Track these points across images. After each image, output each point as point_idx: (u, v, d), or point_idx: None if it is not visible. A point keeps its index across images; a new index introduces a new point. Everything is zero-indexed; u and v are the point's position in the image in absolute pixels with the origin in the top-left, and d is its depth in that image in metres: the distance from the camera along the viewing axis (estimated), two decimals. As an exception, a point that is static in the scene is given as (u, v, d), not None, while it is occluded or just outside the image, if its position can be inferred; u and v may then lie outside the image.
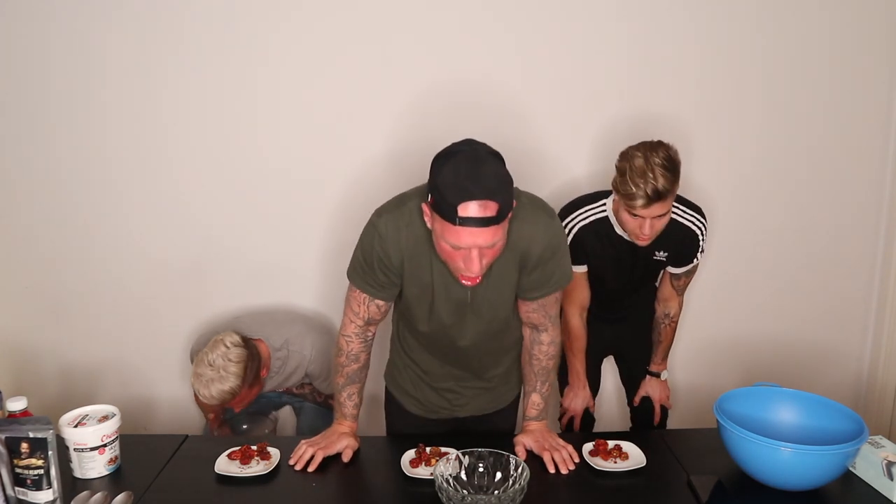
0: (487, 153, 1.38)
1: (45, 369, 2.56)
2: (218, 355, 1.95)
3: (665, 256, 2.01)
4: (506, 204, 1.34)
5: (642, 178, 1.73)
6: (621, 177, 1.78)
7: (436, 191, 1.34)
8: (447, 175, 1.33)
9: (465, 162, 1.33)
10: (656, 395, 2.25)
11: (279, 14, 2.28)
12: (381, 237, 1.51)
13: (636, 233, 1.85)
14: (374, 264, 1.54)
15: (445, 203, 1.32)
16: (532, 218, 1.51)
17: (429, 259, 1.52)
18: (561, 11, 2.30)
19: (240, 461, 1.60)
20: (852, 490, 1.51)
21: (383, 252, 1.52)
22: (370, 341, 1.69)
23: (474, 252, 1.37)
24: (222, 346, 1.97)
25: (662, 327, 2.19)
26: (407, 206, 1.51)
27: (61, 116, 2.35)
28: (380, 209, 1.56)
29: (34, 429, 1.38)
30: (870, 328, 2.66)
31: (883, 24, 2.39)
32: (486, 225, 1.32)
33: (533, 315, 1.66)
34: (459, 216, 1.31)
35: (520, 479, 1.41)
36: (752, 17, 2.34)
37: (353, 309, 1.63)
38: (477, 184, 1.30)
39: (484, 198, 1.30)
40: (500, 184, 1.34)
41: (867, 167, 2.51)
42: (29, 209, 2.43)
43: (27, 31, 2.28)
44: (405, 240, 1.51)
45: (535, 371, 1.73)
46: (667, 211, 1.81)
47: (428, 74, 2.33)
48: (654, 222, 1.81)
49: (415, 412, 1.82)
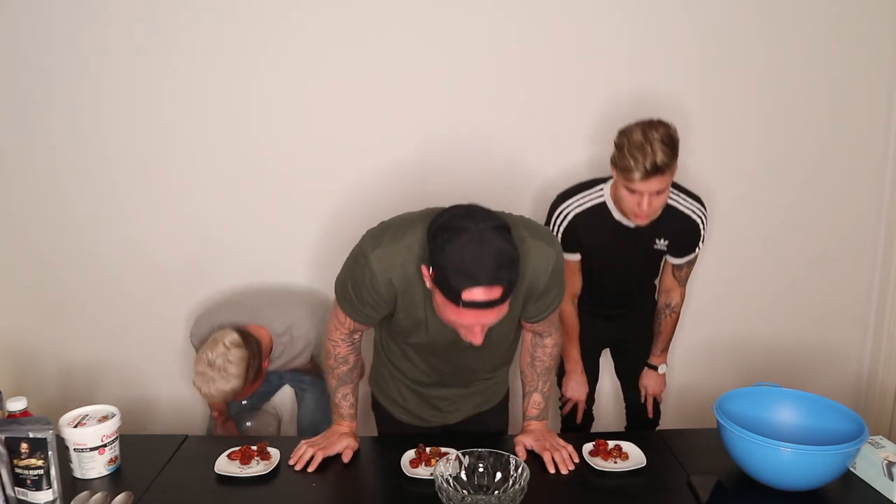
0: (492, 230, 1.28)
1: (45, 369, 2.56)
2: (217, 355, 1.92)
3: (666, 245, 1.99)
4: (511, 283, 1.29)
5: (640, 152, 1.71)
6: (619, 151, 1.77)
7: (438, 268, 1.28)
8: (451, 257, 1.26)
9: (470, 244, 1.25)
10: (650, 388, 2.25)
11: (279, 14, 2.28)
12: (373, 273, 1.43)
13: (634, 210, 1.82)
14: (364, 297, 1.48)
15: (448, 286, 1.27)
16: (535, 252, 1.46)
17: (422, 298, 1.46)
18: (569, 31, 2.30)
19: (240, 461, 1.60)
20: (852, 490, 1.51)
21: (374, 289, 1.46)
22: (357, 344, 1.68)
23: (477, 328, 1.34)
24: (221, 345, 1.94)
25: (663, 317, 2.17)
26: (404, 241, 1.42)
27: (61, 117, 2.35)
28: (374, 238, 1.46)
29: (34, 429, 1.38)
30: (870, 328, 2.66)
31: (884, 24, 2.39)
32: (491, 307, 1.28)
33: (537, 327, 1.65)
34: (464, 300, 1.26)
35: (520, 479, 1.41)
36: (754, 15, 2.34)
37: (338, 318, 1.60)
38: (482, 269, 1.24)
39: (489, 284, 1.25)
40: (507, 265, 1.27)
41: (868, 168, 2.51)
42: (29, 209, 2.43)
43: (27, 30, 2.28)
44: (399, 280, 1.44)
45: (538, 372, 1.73)
46: (665, 187, 1.78)
47: (427, 69, 2.33)
48: (652, 199, 1.78)
49: (403, 420, 1.81)
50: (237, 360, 1.93)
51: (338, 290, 1.57)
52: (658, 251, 2.01)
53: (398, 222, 1.48)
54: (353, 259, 1.50)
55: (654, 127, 1.76)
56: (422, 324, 1.52)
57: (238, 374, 1.93)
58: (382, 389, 1.83)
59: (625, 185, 1.79)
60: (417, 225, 1.43)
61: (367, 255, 1.44)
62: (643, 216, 1.83)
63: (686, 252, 2.03)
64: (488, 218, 1.30)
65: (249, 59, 2.31)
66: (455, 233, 1.27)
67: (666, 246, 2.00)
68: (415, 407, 1.78)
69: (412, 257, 1.42)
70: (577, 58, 2.34)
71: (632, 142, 1.74)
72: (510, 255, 1.28)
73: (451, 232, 1.27)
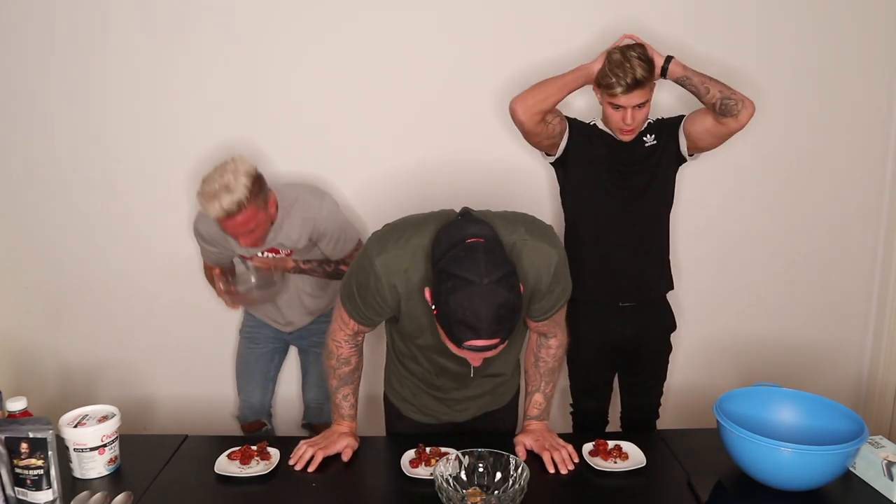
0: (497, 283, 1.26)
1: (45, 369, 2.56)
2: (226, 171, 1.93)
3: (654, 139, 2.05)
4: (511, 329, 1.31)
5: (620, 69, 1.89)
6: (602, 75, 1.94)
7: (440, 312, 1.29)
8: (454, 309, 1.26)
9: (474, 299, 1.25)
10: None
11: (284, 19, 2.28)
12: (378, 277, 1.44)
13: (620, 126, 1.97)
14: (368, 300, 1.49)
15: (450, 333, 1.29)
16: (536, 254, 1.46)
17: (426, 306, 1.45)
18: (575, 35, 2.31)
19: (240, 461, 1.60)
20: (852, 490, 1.51)
21: (378, 293, 1.46)
22: (360, 345, 1.68)
23: (475, 360, 1.38)
24: (230, 163, 1.95)
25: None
26: (409, 247, 1.43)
27: (63, 117, 2.35)
28: (379, 241, 1.46)
29: (34, 429, 1.38)
30: (870, 328, 2.66)
31: (883, 24, 2.39)
32: (490, 350, 1.32)
33: (542, 327, 1.65)
34: (464, 345, 1.30)
35: (520, 479, 1.41)
36: (751, 14, 2.34)
37: (342, 318, 1.60)
38: (483, 325, 1.25)
39: (489, 337, 1.28)
40: (508, 317, 1.28)
41: (867, 167, 2.52)
42: (29, 209, 2.43)
43: (29, 30, 2.28)
44: (403, 286, 1.45)
45: (541, 372, 1.72)
46: (646, 101, 1.95)
47: (429, 69, 2.33)
48: (634, 112, 1.94)
49: (414, 418, 1.81)
50: (246, 172, 1.93)
51: (342, 293, 1.57)
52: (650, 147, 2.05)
53: (403, 226, 1.48)
54: (358, 262, 1.50)
55: (632, 48, 1.94)
56: (426, 329, 1.53)
57: (246, 184, 1.91)
58: (394, 388, 1.83)
59: (609, 102, 1.95)
60: (422, 230, 1.43)
61: (372, 260, 1.44)
62: (628, 130, 1.98)
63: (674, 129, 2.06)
64: (492, 268, 1.28)
65: (254, 62, 2.32)
66: (459, 283, 1.26)
67: (654, 140, 2.05)
68: (424, 404, 1.78)
69: (416, 264, 1.42)
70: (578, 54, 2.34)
71: (612, 61, 1.92)
72: (512, 306, 1.29)
73: (454, 281, 1.27)
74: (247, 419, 2.41)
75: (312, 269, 2.22)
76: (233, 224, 1.95)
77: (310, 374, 2.44)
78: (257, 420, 2.41)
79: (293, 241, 2.13)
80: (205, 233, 2.16)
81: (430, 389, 1.75)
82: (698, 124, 2.03)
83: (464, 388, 1.73)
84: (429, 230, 1.42)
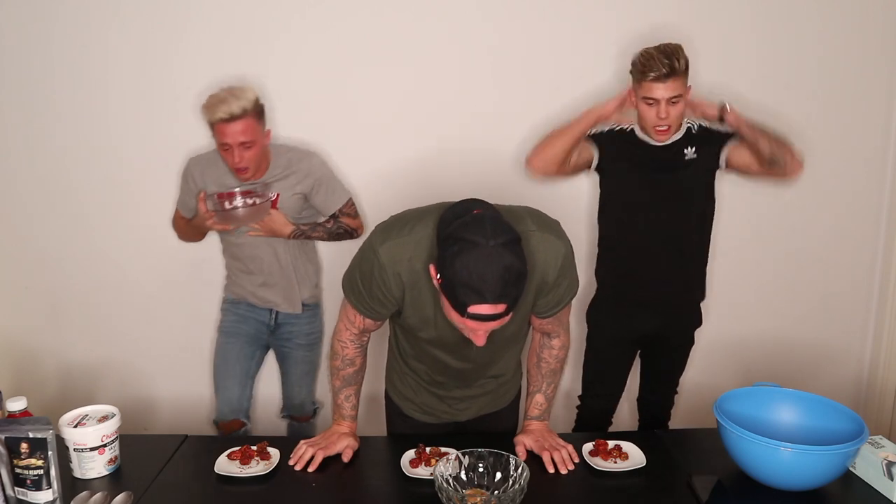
0: (502, 246, 1.26)
1: (45, 369, 2.56)
2: (233, 88, 2.04)
3: (695, 152, 2.03)
4: (517, 298, 1.29)
5: (655, 60, 1.92)
6: (635, 66, 1.97)
7: (445, 278, 1.28)
8: (459, 271, 1.25)
9: (479, 261, 1.24)
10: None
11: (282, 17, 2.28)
12: (382, 266, 1.43)
13: (655, 122, 1.96)
14: (372, 291, 1.48)
15: (455, 299, 1.27)
16: (543, 246, 1.46)
17: (430, 295, 1.46)
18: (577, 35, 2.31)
19: (240, 461, 1.60)
20: (852, 490, 1.51)
21: (383, 282, 1.46)
22: (365, 345, 1.68)
23: (480, 332, 1.35)
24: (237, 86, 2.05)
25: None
26: (413, 235, 1.42)
27: (63, 116, 2.35)
28: (383, 232, 1.47)
29: (34, 429, 1.38)
30: (870, 328, 2.66)
31: (883, 25, 2.39)
32: (495, 319, 1.30)
33: (546, 325, 1.65)
34: (469, 313, 1.27)
35: (520, 479, 1.41)
36: (753, 18, 2.34)
37: (348, 317, 1.60)
38: (489, 287, 1.24)
39: (495, 302, 1.26)
40: (514, 282, 1.26)
41: (867, 167, 2.52)
42: (30, 210, 2.43)
43: (30, 30, 2.28)
44: (407, 274, 1.44)
45: (543, 373, 1.72)
46: (680, 95, 1.94)
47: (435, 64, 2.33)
48: (668, 107, 1.93)
49: (416, 417, 1.81)
50: (250, 89, 2.05)
51: (346, 285, 1.57)
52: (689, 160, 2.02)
53: (407, 216, 1.48)
54: (361, 253, 1.50)
55: (666, 44, 1.96)
56: (430, 321, 1.52)
57: (251, 97, 2.02)
58: (395, 386, 1.83)
59: (643, 98, 1.95)
60: (427, 220, 1.43)
61: (375, 249, 1.44)
62: (663, 129, 1.97)
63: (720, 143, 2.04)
64: (499, 232, 1.28)
65: (255, 57, 2.32)
66: (465, 246, 1.26)
67: (695, 153, 2.03)
68: (425, 403, 1.78)
69: (421, 252, 1.42)
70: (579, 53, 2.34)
71: (647, 55, 1.94)
72: (518, 272, 1.27)
73: (461, 245, 1.26)
74: (225, 418, 2.28)
75: (312, 229, 2.23)
76: (233, 130, 2.01)
77: (290, 376, 2.40)
78: (236, 419, 2.29)
79: (290, 190, 2.17)
80: (197, 175, 2.18)
81: (432, 387, 1.75)
82: (744, 160, 2.04)
83: (465, 387, 1.73)
84: (432, 219, 1.41)
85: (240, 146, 2.04)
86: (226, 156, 2.09)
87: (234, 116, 2.00)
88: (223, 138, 2.05)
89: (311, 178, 2.19)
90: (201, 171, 2.18)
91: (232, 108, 2.00)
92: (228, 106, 1.99)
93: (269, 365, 2.51)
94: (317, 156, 2.22)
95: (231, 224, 2.14)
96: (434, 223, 1.40)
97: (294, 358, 2.36)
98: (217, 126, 2.04)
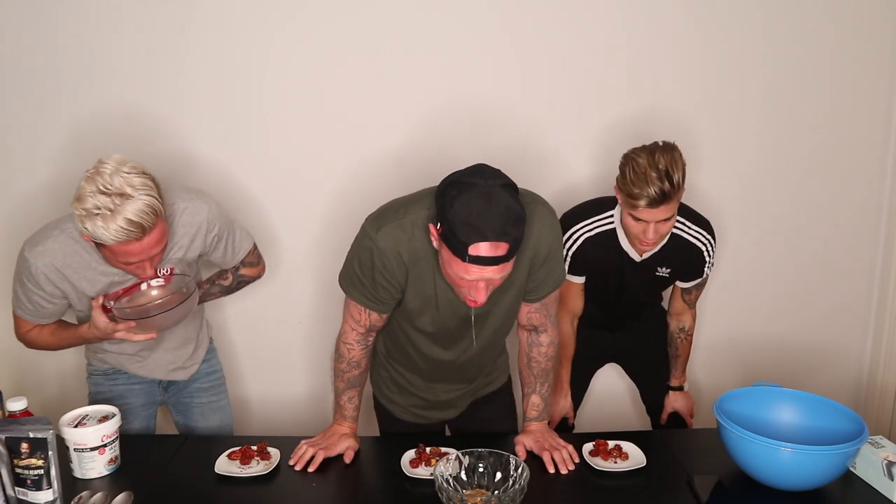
0: (501, 187, 1.31)
1: (45, 369, 2.55)
2: (110, 174, 1.40)
3: (668, 273, 1.97)
4: (517, 240, 1.31)
5: (646, 180, 1.67)
6: (624, 178, 1.73)
7: (446, 223, 1.30)
8: (459, 211, 1.28)
9: (478, 199, 1.28)
10: (682, 409, 2.21)
11: (284, 14, 2.28)
12: (381, 251, 1.45)
13: (640, 238, 1.79)
14: (376, 279, 1.49)
15: (456, 240, 1.29)
16: (538, 218, 1.49)
17: (431, 274, 1.48)
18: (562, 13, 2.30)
19: (240, 461, 1.60)
20: (852, 490, 1.51)
21: (384, 267, 1.46)
22: (370, 347, 1.68)
23: (481, 283, 1.35)
24: (105, 166, 1.42)
25: (679, 341, 2.16)
26: (408, 218, 1.44)
27: (63, 116, 2.35)
28: (376, 219, 1.48)
29: (34, 429, 1.38)
30: (870, 328, 2.66)
31: (883, 26, 2.39)
32: (497, 263, 1.31)
33: (534, 315, 1.65)
34: (470, 255, 1.28)
35: (520, 479, 1.41)
36: (753, 18, 2.34)
37: (353, 317, 1.60)
38: (489, 224, 1.27)
39: (495, 239, 1.27)
40: (513, 222, 1.30)
41: (867, 168, 2.51)
42: (29, 210, 2.43)
43: (31, 29, 2.28)
44: (407, 254, 1.45)
45: (535, 373, 1.73)
46: (671, 215, 1.75)
47: (431, 77, 2.32)
48: (658, 227, 1.75)
49: (405, 419, 1.82)
50: (138, 170, 1.43)
51: (345, 284, 1.57)
52: (661, 278, 1.99)
53: (399, 202, 1.50)
54: (356, 245, 1.51)
55: (661, 152, 1.71)
56: (431, 302, 1.52)
57: (148, 184, 1.42)
58: (381, 389, 1.84)
59: (629, 213, 1.76)
60: (419, 202, 1.46)
61: (372, 237, 1.46)
62: (649, 244, 1.80)
63: (693, 277, 2.01)
64: (497, 176, 1.34)
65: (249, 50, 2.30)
66: (464, 188, 1.30)
67: (668, 273, 1.98)
68: (412, 405, 1.78)
69: (418, 231, 1.44)
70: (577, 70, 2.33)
71: (637, 169, 1.69)
72: (517, 213, 1.31)
73: (460, 187, 1.31)
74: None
75: (208, 292, 1.85)
76: (143, 246, 1.45)
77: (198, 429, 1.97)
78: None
79: (182, 255, 1.68)
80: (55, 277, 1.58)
81: (418, 390, 1.76)
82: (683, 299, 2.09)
83: (452, 381, 1.73)
84: (425, 201, 1.44)
85: (153, 255, 1.52)
86: (126, 269, 1.55)
87: (148, 227, 1.43)
88: (128, 258, 1.48)
89: (212, 233, 1.71)
90: (59, 271, 1.59)
91: (138, 219, 1.40)
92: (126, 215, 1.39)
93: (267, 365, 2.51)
94: (210, 200, 1.71)
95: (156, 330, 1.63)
96: (427, 204, 1.42)
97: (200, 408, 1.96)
98: (114, 246, 1.45)
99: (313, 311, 2.48)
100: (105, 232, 1.40)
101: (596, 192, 2.10)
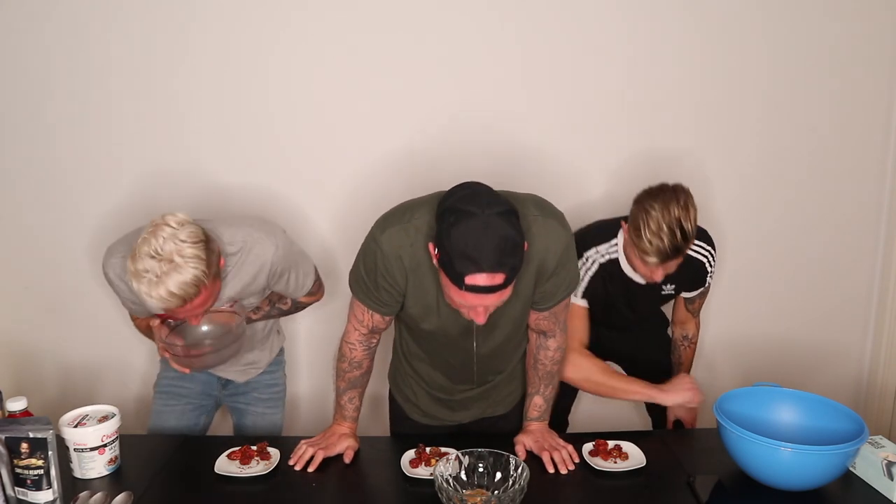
0: (497, 216, 1.28)
1: (45, 369, 2.55)
2: (164, 239, 1.42)
3: (673, 289, 1.98)
4: (514, 269, 1.30)
5: (657, 237, 1.66)
6: (636, 230, 1.71)
7: (443, 250, 1.29)
8: (456, 241, 1.27)
9: (475, 230, 1.26)
10: (685, 416, 2.14)
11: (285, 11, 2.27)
12: (384, 254, 1.45)
13: (648, 276, 1.81)
14: (378, 281, 1.49)
15: (452, 269, 1.28)
16: (545, 230, 1.46)
17: (433, 282, 1.47)
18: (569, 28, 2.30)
19: (240, 461, 1.60)
20: (852, 490, 1.51)
21: (386, 270, 1.46)
22: (373, 348, 1.68)
23: (480, 308, 1.35)
24: (166, 227, 1.44)
25: (682, 349, 2.18)
26: (413, 223, 1.44)
27: (63, 116, 2.35)
28: (383, 221, 1.48)
29: (34, 429, 1.38)
30: (870, 328, 2.66)
31: (883, 27, 2.39)
32: (493, 292, 1.30)
33: (543, 322, 1.64)
34: (466, 284, 1.28)
35: (520, 479, 1.41)
36: (754, 19, 2.34)
37: (357, 317, 1.61)
38: (485, 255, 1.25)
39: (491, 270, 1.26)
40: (510, 251, 1.28)
41: (867, 168, 2.51)
42: (29, 209, 2.43)
43: (28, 28, 2.28)
44: (409, 259, 1.45)
45: (540, 375, 1.73)
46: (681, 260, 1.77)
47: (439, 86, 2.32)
48: (667, 267, 1.76)
49: (416, 418, 1.82)
50: (193, 238, 1.44)
51: (352, 282, 1.58)
52: (666, 294, 2.01)
53: (405, 206, 1.50)
54: (364, 246, 1.52)
55: (674, 203, 1.68)
56: (433, 310, 1.52)
57: (197, 255, 1.43)
58: (398, 386, 1.84)
59: (639, 257, 1.76)
60: (425, 207, 1.45)
61: (377, 239, 1.46)
62: (657, 280, 1.81)
63: (695, 287, 2.02)
64: (494, 203, 1.31)
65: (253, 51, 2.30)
66: (460, 217, 1.28)
67: (673, 289, 1.99)
68: (427, 406, 1.78)
69: (421, 237, 1.43)
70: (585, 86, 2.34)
71: (649, 223, 1.67)
72: (514, 242, 1.29)
73: (457, 216, 1.29)
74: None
75: (267, 315, 1.89)
76: (189, 309, 1.48)
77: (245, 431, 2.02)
78: None
79: (246, 292, 1.72)
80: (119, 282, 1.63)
81: (434, 391, 1.75)
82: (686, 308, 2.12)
83: (464, 384, 1.73)
84: (430, 206, 1.43)
85: (198, 314, 1.56)
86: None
87: (189, 298, 1.45)
88: (172, 315, 1.55)
89: (276, 272, 1.72)
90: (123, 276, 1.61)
91: (181, 292, 1.42)
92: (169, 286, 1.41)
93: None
94: (278, 237, 1.71)
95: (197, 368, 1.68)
96: (432, 209, 1.42)
97: (253, 415, 2.00)
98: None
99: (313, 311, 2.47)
100: (148, 298, 1.44)
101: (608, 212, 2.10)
